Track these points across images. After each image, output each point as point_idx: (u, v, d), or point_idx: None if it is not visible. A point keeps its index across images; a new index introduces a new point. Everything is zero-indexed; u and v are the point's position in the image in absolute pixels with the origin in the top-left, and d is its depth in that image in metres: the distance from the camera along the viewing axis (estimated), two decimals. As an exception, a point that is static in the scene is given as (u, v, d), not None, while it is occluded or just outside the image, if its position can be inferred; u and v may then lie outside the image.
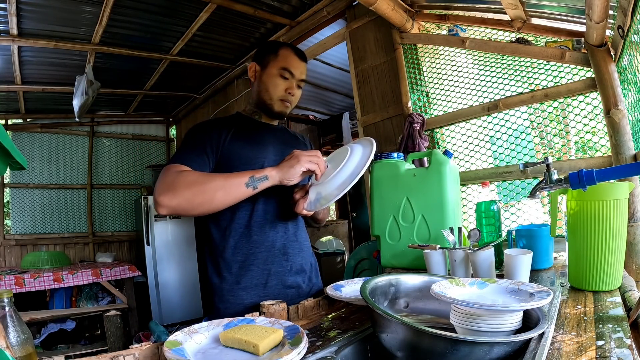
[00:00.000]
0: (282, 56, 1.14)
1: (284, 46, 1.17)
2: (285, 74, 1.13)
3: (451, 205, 1.33)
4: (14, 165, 0.78)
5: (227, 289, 1.06)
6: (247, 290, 1.06)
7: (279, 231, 1.12)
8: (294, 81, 1.15)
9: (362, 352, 0.76)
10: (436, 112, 2.07)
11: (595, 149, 1.54)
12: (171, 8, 2.47)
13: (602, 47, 1.41)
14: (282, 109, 1.16)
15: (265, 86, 1.14)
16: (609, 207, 0.87)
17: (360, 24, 2.39)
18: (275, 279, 1.09)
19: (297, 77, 1.15)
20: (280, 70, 1.13)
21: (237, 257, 1.07)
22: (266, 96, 1.14)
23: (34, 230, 4.24)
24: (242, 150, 1.08)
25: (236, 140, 1.08)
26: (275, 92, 1.13)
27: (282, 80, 1.13)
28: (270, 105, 1.15)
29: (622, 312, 0.73)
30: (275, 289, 1.09)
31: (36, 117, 4.27)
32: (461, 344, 0.56)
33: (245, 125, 1.15)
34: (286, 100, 1.15)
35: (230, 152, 1.06)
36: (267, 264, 1.09)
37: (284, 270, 1.12)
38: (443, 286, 0.72)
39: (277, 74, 1.13)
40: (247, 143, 1.10)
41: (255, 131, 1.15)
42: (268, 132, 1.18)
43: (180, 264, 4.17)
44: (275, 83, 1.13)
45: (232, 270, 1.07)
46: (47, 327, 3.33)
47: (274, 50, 1.15)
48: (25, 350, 0.59)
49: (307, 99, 4.93)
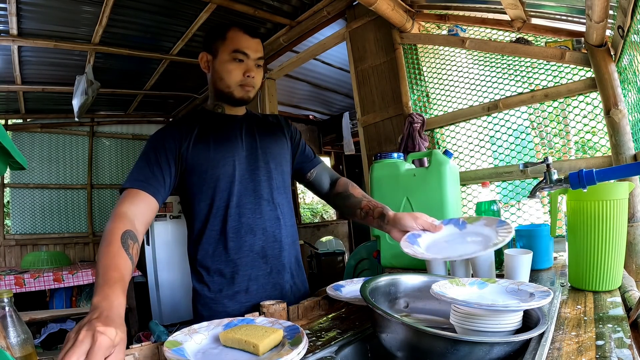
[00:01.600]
0: (230, 39, 1.04)
1: (231, 28, 1.07)
2: (239, 56, 1.04)
3: (451, 205, 1.33)
4: (14, 165, 0.79)
5: (211, 297, 1.04)
6: (230, 298, 1.04)
7: (257, 234, 1.06)
8: (251, 61, 1.06)
9: (362, 352, 0.76)
10: (436, 112, 2.07)
11: (595, 149, 1.54)
12: (171, 8, 2.47)
13: (602, 47, 1.41)
14: (242, 94, 1.07)
15: (219, 74, 1.06)
16: (609, 207, 0.87)
17: (360, 24, 2.39)
18: (255, 283, 1.06)
19: (253, 56, 1.05)
20: (232, 54, 1.04)
21: (216, 264, 1.04)
22: (222, 85, 1.06)
23: (34, 230, 4.24)
24: (207, 152, 1.02)
25: (199, 142, 1.03)
26: (231, 79, 1.05)
27: (236, 64, 1.04)
28: (229, 93, 1.07)
29: (622, 312, 0.73)
30: (257, 294, 1.06)
31: (36, 117, 4.27)
32: (461, 344, 0.56)
33: (208, 122, 1.08)
34: (246, 84, 1.06)
35: (195, 157, 1.01)
36: (246, 269, 1.05)
37: (264, 274, 1.08)
38: (443, 286, 0.71)
39: (230, 59, 1.04)
40: (211, 143, 1.04)
41: (220, 128, 1.08)
42: (233, 125, 1.10)
43: (180, 264, 4.17)
44: (229, 69, 1.04)
45: (213, 278, 1.04)
46: (47, 327, 3.33)
47: (222, 34, 1.06)
48: (25, 350, 0.59)
49: (307, 99, 4.93)
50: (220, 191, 1.03)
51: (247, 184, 1.07)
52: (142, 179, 0.93)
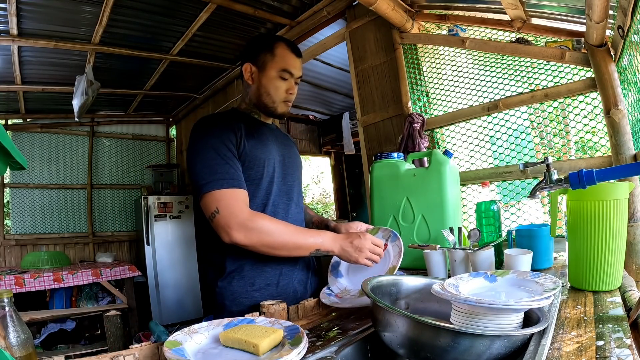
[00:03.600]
0: (279, 56, 1.09)
1: (279, 43, 1.11)
2: (285, 75, 1.10)
3: (451, 205, 1.33)
4: (14, 165, 0.78)
5: (240, 291, 1.04)
6: (261, 291, 1.06)
7: None
8: (293, 80, 1.13)
9: (362, 352, 0.76)
10: (436, 112, 2.07)
11: (595, 149, 1.54)
12: (171, 8, 2.47)
13: (602, 47, 1.41)
14: (284, 110, 1.14)
15: (266, 89, 1.10)
16: (609, 207, 0.87)
17: (360, 24, 2.39)
18: (286, 277, 1.10)
19: (296, 75, 1.12)
20: (279, 72, 1.09)
21: (247, 257, 1.05)
22: (268, 100, 1.11)
23: (34, 230, 4.24)
24: (254, 150, 1.06)
25: (248, 140, 1.06)
26: (277, 95, 1.11)
27: (282, 82, 1.10)
28: (273, 108, 1.12)
29: (622, 312, 0.73)
30: (285, 287, 1.10)
31: (36, 117, 4.27)
32: (462, 338, 0.56)
33: (249, 123, 1.11)
34: (288, 100, 1.13)
35: (245, 153, 1.04)
36: (279, 263, 1.08)
37: (293, 268, 1.13)
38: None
39: (277, 76, 1.09)
40: (257, 143, 1.08)
41: (259, 130, 1.12)
42: (269, 131, 1.16)
43: (180, 264, 4.17)
44: (277, 86, 1.10)
45: (243, 271, 1.05)
46: (47, 327, 3.33)
47: (269, 48, 1.10)
48: (25, 350, 0.59)
49: (307, 99, 4.93)
50: (261, 189, 1.07)
51: (281, 185, 1.12)
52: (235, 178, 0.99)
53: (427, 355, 0.59)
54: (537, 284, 0.68)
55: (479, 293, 0.71)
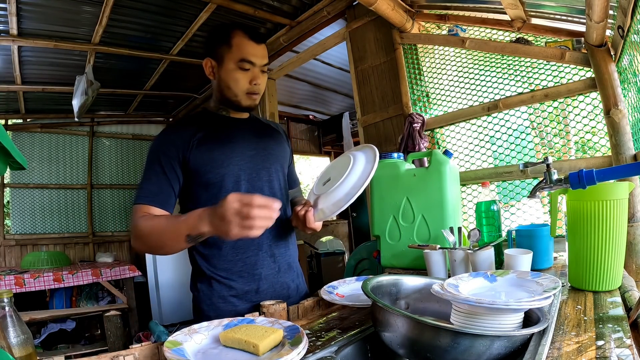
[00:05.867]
0: (236, 46, 1.02)
1: (235, 32, 1.03)
2: (245, 66, 1.02)
3: (451, 205, 1.33)
4: (14, 165, 0.78)
5: (218, 296, 1.04)
6: (240, 297, 1.04)
7: (264, 233, 1.05)
8: (257, 69, 1.04)
9: (362, 352, 0.76)
10: (436, 112, 2.07)
11: (595, 149, 1.54)
12: (171, 8, 2.47)
13: (602, 47, 1.41)
14: (249, 102, 1.07)
15: (226, 83, 1.05)
16: (609, 207, 0.87)
17: (360, 24, 2.39)
18: (266, 283, 1.07)
19: (259, 64, 1.04)
20: (238, 63, 1.02)
21: (224, 264, 1.04)
22: (230, 93, 1.05)
23: (34, 230, 4.24)
24: (211, 153, 1.03)
25: (204, 143, 1.03)
26: (238, 88, 1.04)
27: (242, 73, 1.03)
28: (236, 101, 1.06)
29: (622, 312, 0.73)
30: (267, 293, 1.07)
31: (36, 117, 4.27)
32: (462, 338, 0.56)
33: (212, 124, 1.08)
34: (252, 92, 1.05)
35: (199, 158, 1.01)
36: (256, 268, 1.06)
37: (273, 273, 1.09)
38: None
39: (236, 68, 1.02)
40: (216, 144, 1.04)
41: (224, 129, 1.08)
42: (237, 127, 1.11)
43: (180, 264, 4.16)
44: (236, 78, 1.03)
45: (221, 277, 1.04)
46: (47, 327, 3.33)
47: (226, 39, 1.03)
48: (25, 350, 0.59)
49: (307, 99, 4.93)
50: (226, 191, 1.03)
51: (254, 182, 1.08)
52: (151, 194, 0.98)
53: (427, 355, 0.59)
54: (537, 284, 0.68)
55: (479, 293, 0.71)
